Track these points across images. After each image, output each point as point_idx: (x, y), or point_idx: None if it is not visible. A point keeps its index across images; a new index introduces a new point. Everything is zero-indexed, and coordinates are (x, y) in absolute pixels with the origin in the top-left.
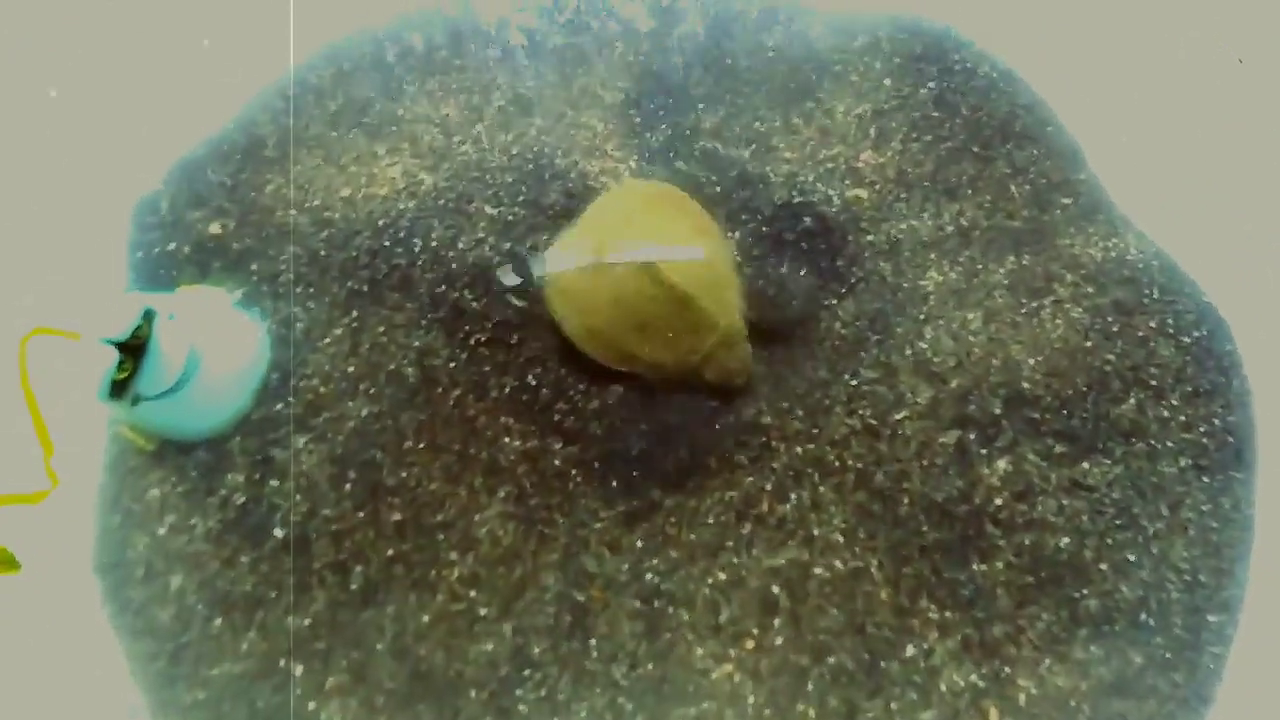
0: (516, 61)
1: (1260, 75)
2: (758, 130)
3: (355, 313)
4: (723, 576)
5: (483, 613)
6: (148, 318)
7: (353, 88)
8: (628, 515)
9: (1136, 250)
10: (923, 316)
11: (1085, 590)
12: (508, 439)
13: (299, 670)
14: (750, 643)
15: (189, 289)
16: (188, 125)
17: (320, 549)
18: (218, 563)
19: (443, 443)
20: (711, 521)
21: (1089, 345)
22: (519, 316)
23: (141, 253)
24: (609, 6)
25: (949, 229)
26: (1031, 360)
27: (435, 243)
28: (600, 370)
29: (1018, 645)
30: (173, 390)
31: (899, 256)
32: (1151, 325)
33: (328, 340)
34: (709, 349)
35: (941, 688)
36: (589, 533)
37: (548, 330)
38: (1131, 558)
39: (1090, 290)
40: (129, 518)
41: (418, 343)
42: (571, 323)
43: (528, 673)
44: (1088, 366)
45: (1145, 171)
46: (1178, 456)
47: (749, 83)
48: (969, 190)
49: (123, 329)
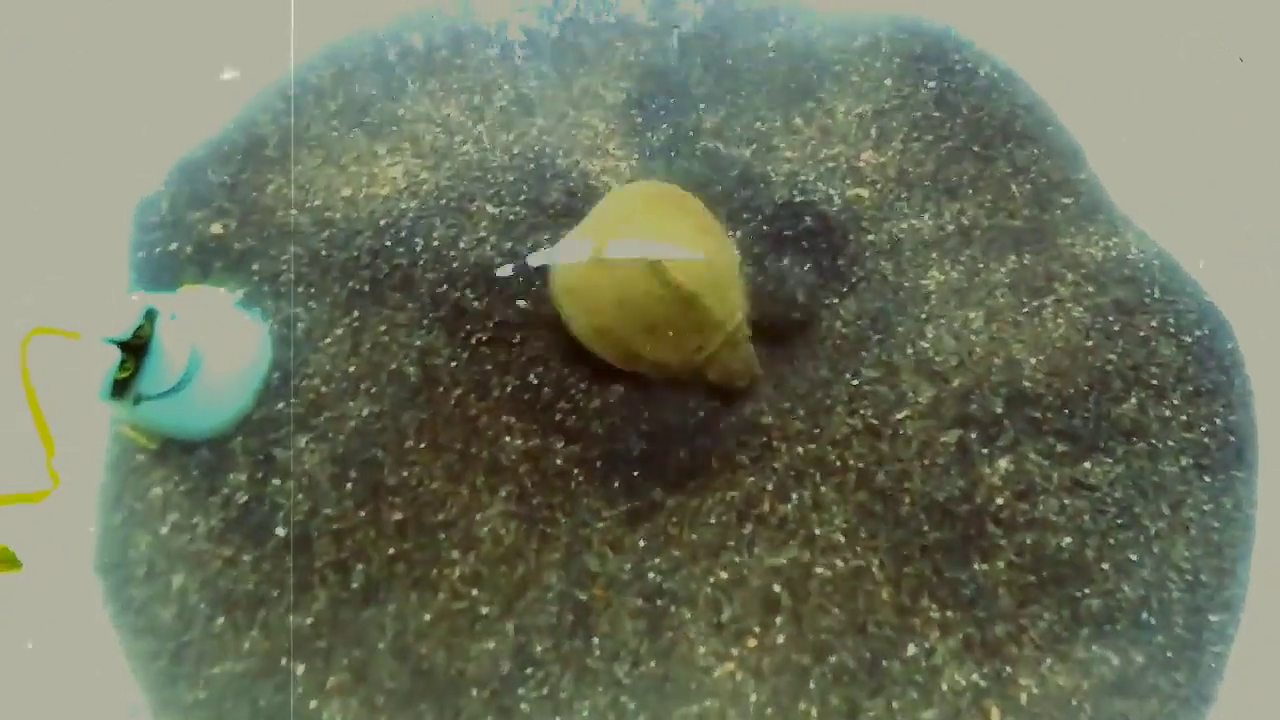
0: (518, 61)
1: (1261, 74)
2: (759, 130)
3: (356, 312)
4: (725, 576)
5: (484, 611)
6: (149, 317)
7: (353, 87)
8: (630, 514)
9: (1137, 250)
10: (924, 316)
11: (1087, 590)
12: (509, 438)
13: (300, 669)
14: (752, 641)
15: (190, 289)
16: (188, 126)
17: (322, 548)
18: (219, 562)
19: (444, 442)
20: (713, 521)
21: (1090, 344)
22: (521, 316)
23: (143, 253)
24: (609, 6)
25: (950, 228)
26: (1033, 359)
27: (437, 242)
28: (603, 369)
29: (1019, 644)
30: (174, 390)
31: (900, 256)
32: (1153, 324)
33: (329, 340)
34: (713, 349)
35: (943, 687)
36: (591, 532)
37: (550, 329)
38: (1133, 557)
39: (1091, 289)
40: (131, 517)
41: (419, 342)
42: (578, 322)
43: (530, 671)
44: (1089, 366)
45: (1146, 171)
46: (1179, 456)
47: (750, 82)
48: (970, 190)
49: (125, 329)
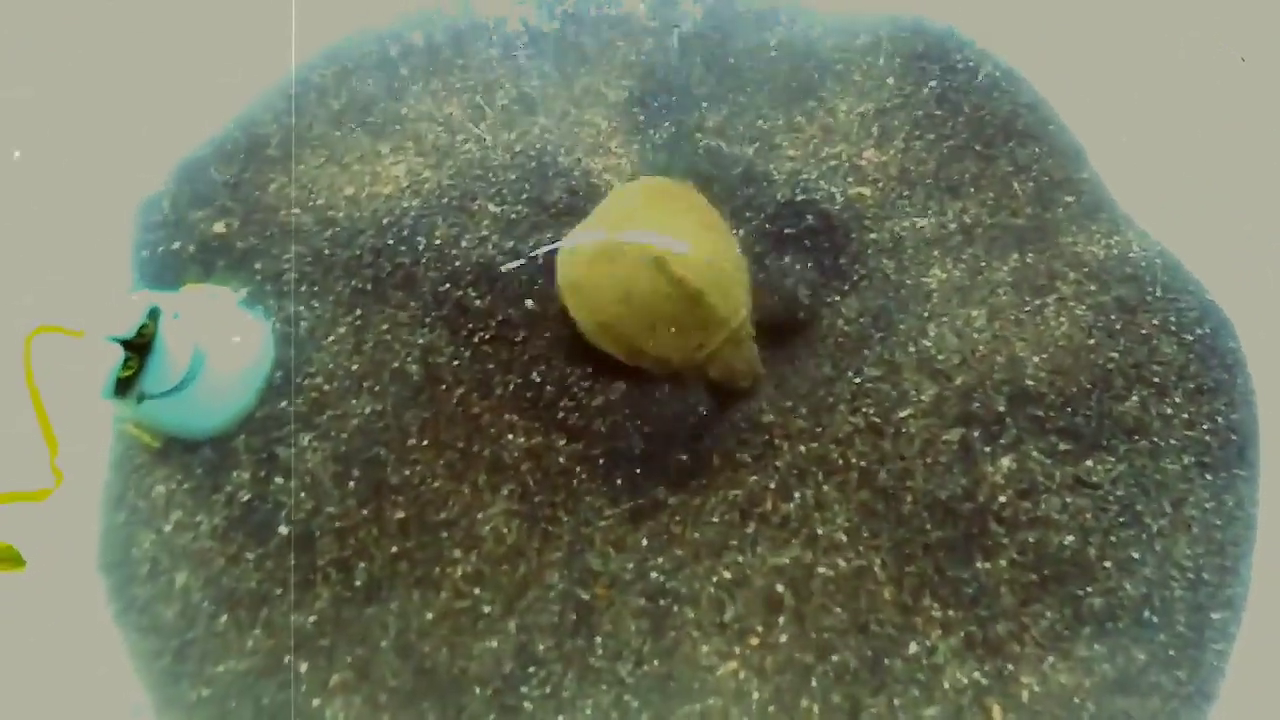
0: (520, 60)
1: (1262, 73)
2: (761, 128)
3: (359, 311)
4: (727, 575)
5: (487, 610)
6: (153, 316)
7: (356, 86)
8: (632, 513)
9: (1139, 248)
10: (926, 314)
11: (1089, 588)
12: (511, 436)
13: (303, 667)
14: (755, 640)
15: (193, 288)
16: (191, 125)
17: (324, 546)
18: (223, 560)
19: (446, 440)
20: (716, 520)
21: (1092, 343)
22: (523, 315)
23: (146, 252)
24: (611, 0)
25: (952, 227)
26: (1035, 358)
27: (439, 241)
28: (606, 366)
29: (1021, 643)
30: (178, 388)
31: (902, 254)
32: (1154, 323)
33: (331, 338)
34: (716, 346)
35: (945, 685)
36: (593, 530)
37: (553, 326)
38: (1135, 555)
39: (1093, 288)
40: (134, 515)
41: (421, 340)
42: (582, 317)
43: (532, 670)
44: (1091, 364)
45: (1147, 170)
46: (1181, 454)
47: (752, 81)
48: (972, 188)
49: (128, 327)
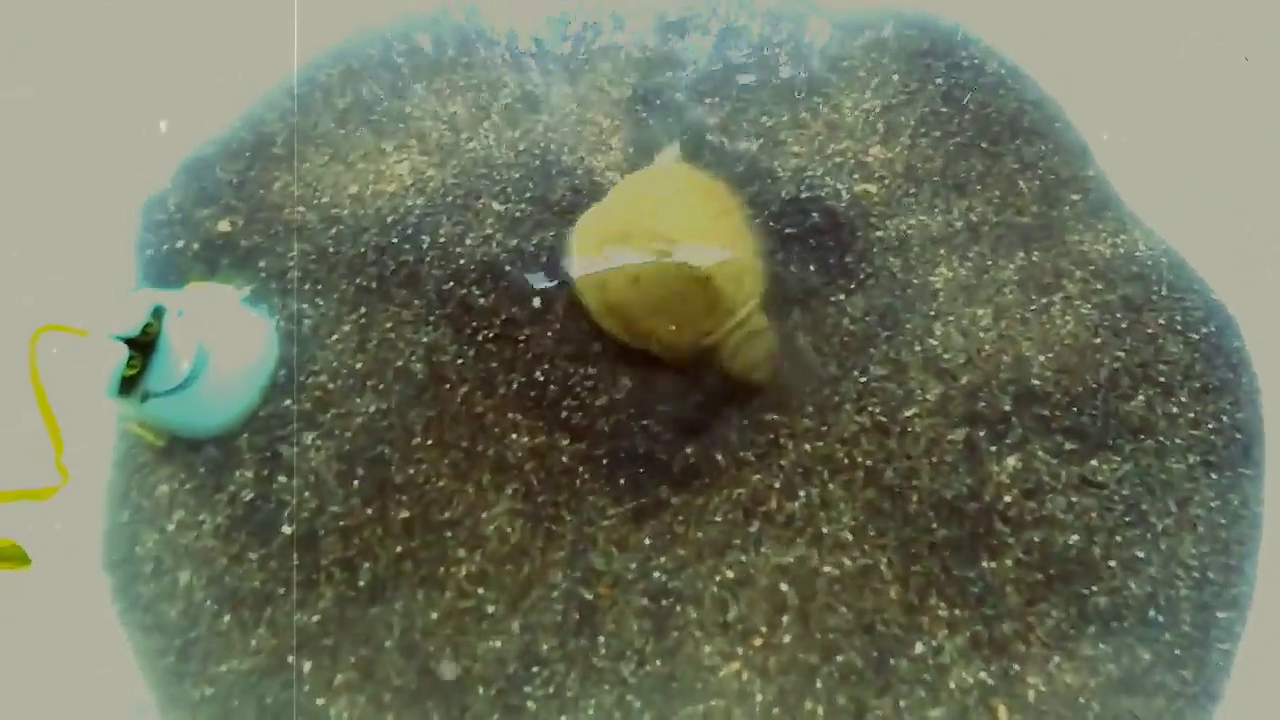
0: (523, 59)
1: (1267, 73)
2: (765, 125)
3: (363, 309)
4: (731, 574)
5: (491, 610)
6: (157, 314)
7: (360, 85)
8: (635, 512)
9: (1145, 247)
10: (932, 313)
11: (1094, 587)
12: (515, 435)
13: (307, 667)
14: (759, 640)
15: (198, 286)
16: (195, 124)
17: (328, 546)
18: (226, 559)
19: (450, 439)
20: (720, 519)
21: (1098, 342)
22: (528, 315)
23: (150, 250)
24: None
25: (958, 224)
26: (1041, 357)
27: (443, 239)
28: (610, 364)
29: (1027, 642)
30: (182, 387)
31: (908, 252)
32: (1160, 322)
33: (336, 337)
34: (725, 333)
35: (950, 685)
36: (597, 530)
37: (558, 323)
38: (1140, 554)
39: (1099, 287)
40: (138, 514)
41: (425, 339)
42: (590, 297)
43: (536, 670)
44: (1097, 363)
45: (1153, 168)
46: (1186, 453)
47: (756, 78)
48: (978, 186)
49: (132, 326)
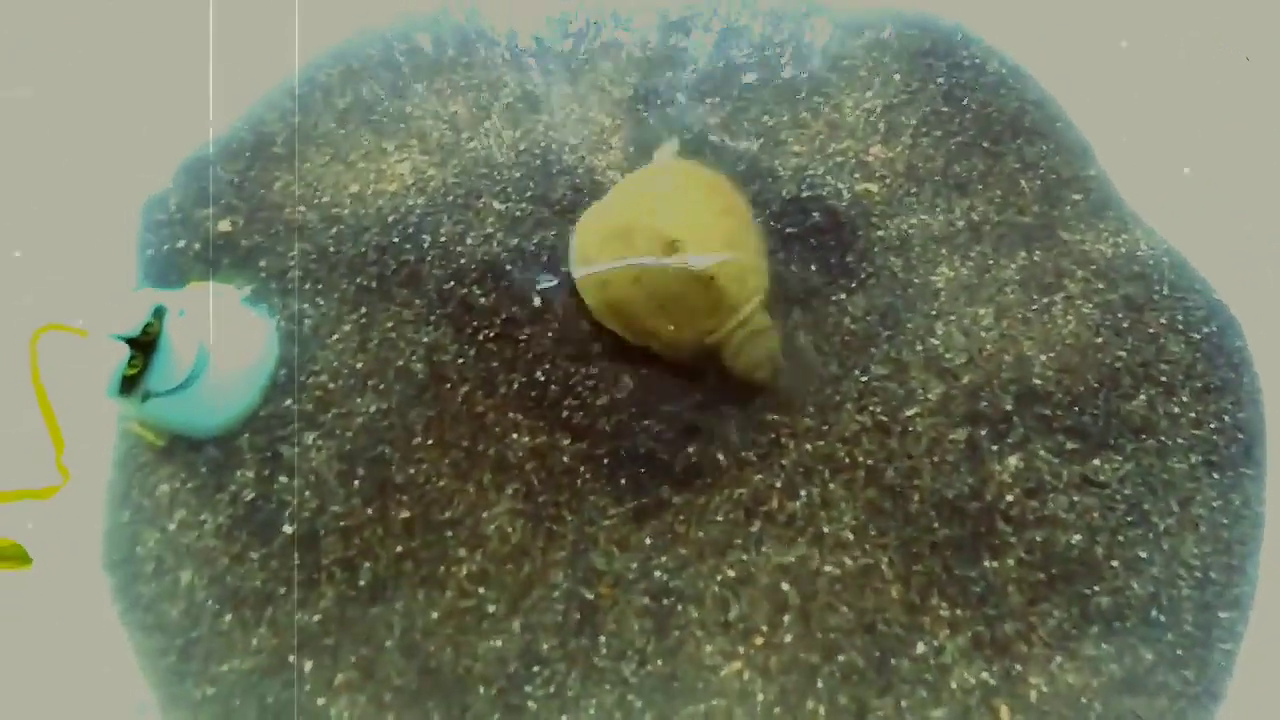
0: (524, 58)
1: (1267, 73)
2: (766, 124)
3: (364, 309)
4: (732, 574)
5: (491, 610)
6: (158, 314)
7: (361, 85)
8: (636, 512)
9: (1146, 246)
10: (934, 312)
11: (1096, 587)
12: (516, 435)
13: (308, 666)
14: (760, 640)
15: (198, 286)
16: (195, 124)
17: (329, 545)
18: (227, 559)
19: (451, 439)
20: (721, 519)
21: (1100, 341)
22: (529, 314)
23: (151, 250)
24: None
25: (960, 224)
26: (1043, 356)
27: (444, 238)
28: (611, 363)
29: (1029, 642)
30: (182, 386)
31: (910, 251)
32: (1162, 321)
33: (336, 336)
34: (727, 332)
35: (952, 685)
36: (598, 530)
37: (559, 322)
38: (1142, 554)
39: (1101, 286)
40: (139, 513)
41: (426, 339)
42: (592, 296)
43: (536, 670)
44: (1098, 363)
45: (1153, 168)
46: (1188, 453)
47: (757, 77)
48: (979, 185)
49: (133, 325)
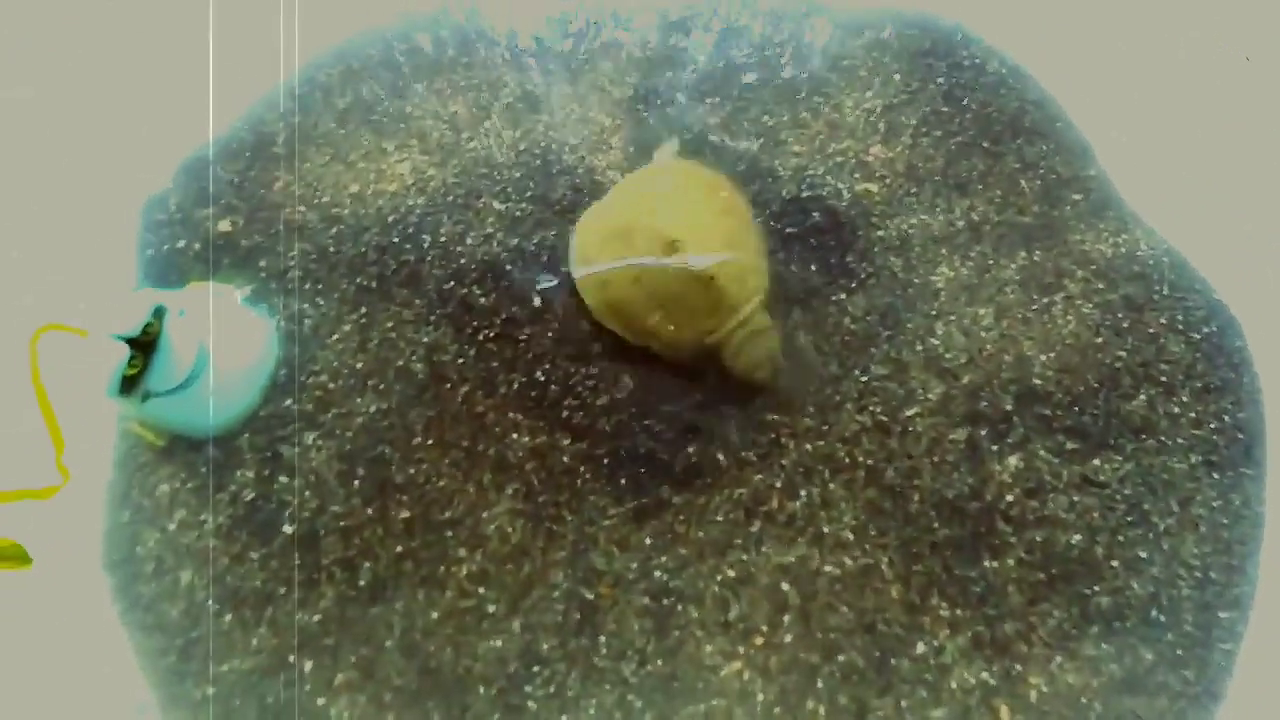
0: (524, 58)
1: (1267, 73)
2: (766, 124)
3: (364, 309)
4: (732, 574)
5: (491, 610)
6: (158, 314)
7: (361, 85)
8: (636, 512)
9: (1146, 246)
10: (934, 312)
11: (1096, 587)
12: (516, 435)
13: (308, 666)
14: (760, 640)
15: (198, 286)
16: (195, 124)
17: (329, 545)
18: (227, 559)
19: (451, 439)
20: (721, 519)
21: (1100, 341)
22: (529, 314)
23: (151, 250)
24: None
25: (960, 224)
26: (1043, 356)
27: (444, 238)
28: (611, 363)
29: (1029, 642)
30: (182, 386)
31: (910, 251)
32: (1162, 321)
33: (336, 336)
34: (727, 332)
35: (952, 685)
36: (598, 530)
37: (559, 321)
38: (1142, 554)
39: (1101, 286)
40: (139, 513)
41: (426, 339)
42: (592, 296)
43: (536, 670)
44: (1099, 363)
45: (1153, 168)
46: (1188, 453)
47: (758, 77)
48: (979, 185)
49: (133, 325)
